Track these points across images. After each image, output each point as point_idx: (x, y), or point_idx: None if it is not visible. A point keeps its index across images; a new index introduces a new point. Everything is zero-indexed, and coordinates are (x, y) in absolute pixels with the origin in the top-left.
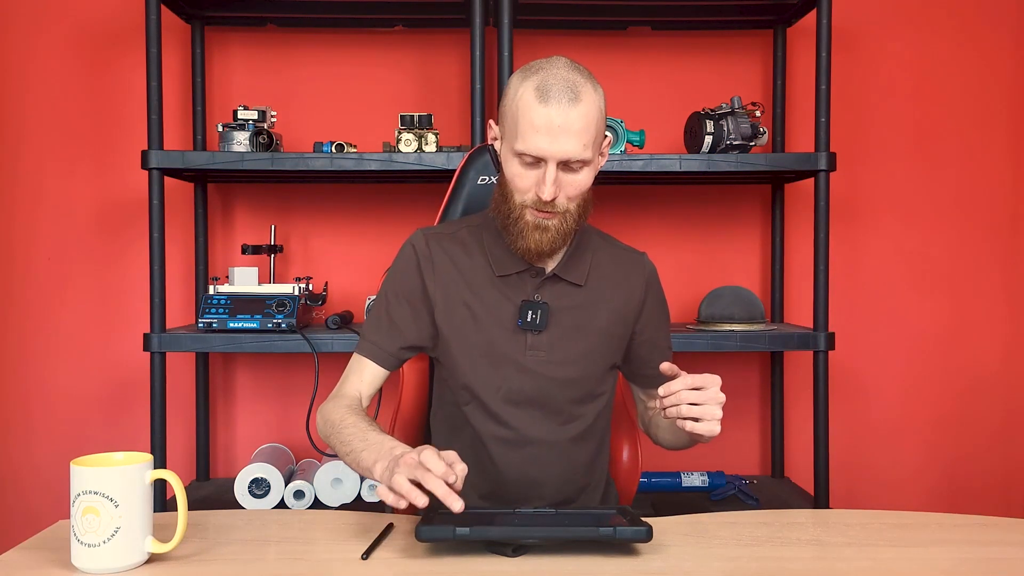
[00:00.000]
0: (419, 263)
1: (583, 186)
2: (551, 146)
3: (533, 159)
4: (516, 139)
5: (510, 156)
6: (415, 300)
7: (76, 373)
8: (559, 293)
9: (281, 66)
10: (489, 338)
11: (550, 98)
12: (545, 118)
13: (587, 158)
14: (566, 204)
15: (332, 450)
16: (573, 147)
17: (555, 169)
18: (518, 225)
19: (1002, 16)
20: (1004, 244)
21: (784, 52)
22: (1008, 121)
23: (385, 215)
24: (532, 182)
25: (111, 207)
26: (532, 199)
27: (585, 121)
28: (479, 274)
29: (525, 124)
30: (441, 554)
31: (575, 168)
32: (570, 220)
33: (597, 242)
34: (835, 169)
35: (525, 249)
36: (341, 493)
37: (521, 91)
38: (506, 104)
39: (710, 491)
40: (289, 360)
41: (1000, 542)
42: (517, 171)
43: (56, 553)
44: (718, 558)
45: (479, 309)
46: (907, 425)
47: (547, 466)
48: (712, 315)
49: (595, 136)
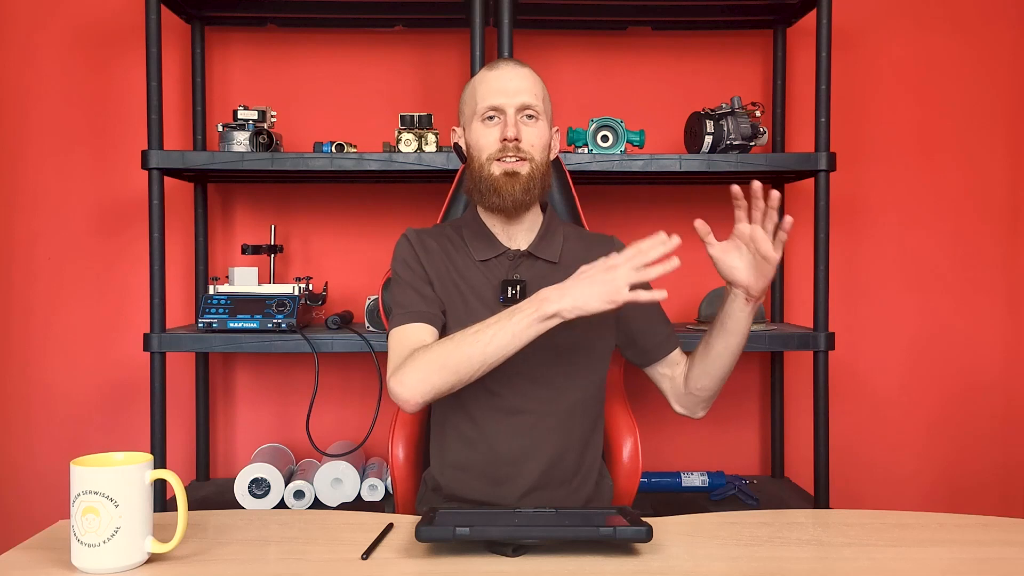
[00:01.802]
0: (414, 248)
1: (542, 138)
2: (506, 95)
3: (493, 111)
4: (476, 106)
5: (473, 126)
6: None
7: (76, 373)
8: (536, 271)
9: (281, 66)
10: (478, 316)
11: (498, 64)
12: (497, 77)
13: (539, 108)
14: (530, 150)
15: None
16: (525, 95)
17: (514, 115)
18: (488, 181)
19: (1002, 16)
20: (1004, 244)
21: (784, 52)
22: (1008, 121)
23: (385, 215)
24: (495, 136)
25: (111, 207)
26: (497, 149)
27: (532, 79)
28: (463, 261)
29: (482, 90)
30: (441, 554)
31: (531, 117)
32: (536, 170)
33: (568, 229)
34: (835, 169)
35: (500, 201)
36: (341, 493)
37: (474, 78)
38: (464, 96)
39: (710, 491)
40: (289, 360)
41: (1000, 542)
42: (480, 132)
43: (56, 553)
44: (718, 558)
45: (466, 290)
46: (907, 425)
47: (538, 437)
48: (712, 315)
49: (543, 98)
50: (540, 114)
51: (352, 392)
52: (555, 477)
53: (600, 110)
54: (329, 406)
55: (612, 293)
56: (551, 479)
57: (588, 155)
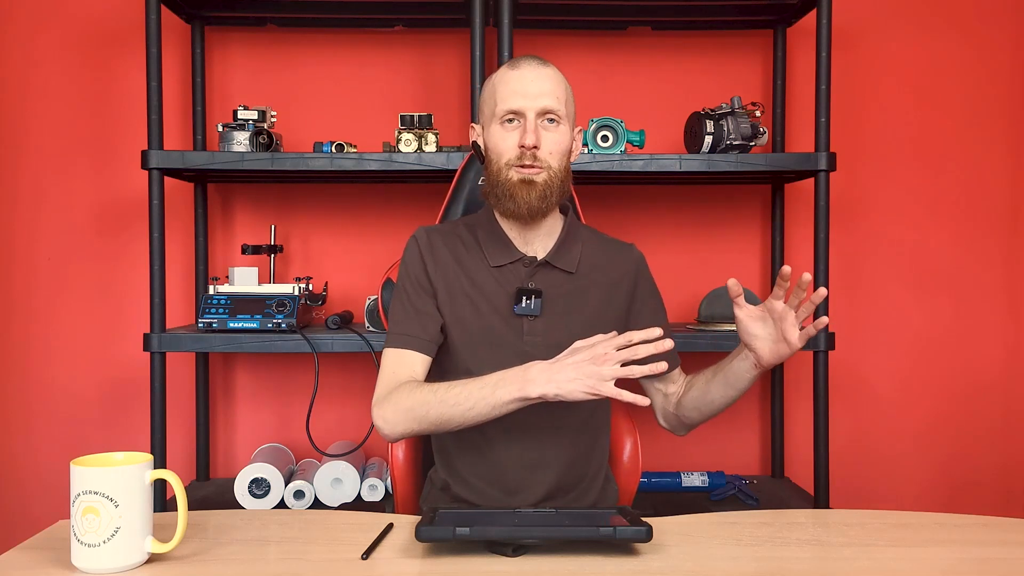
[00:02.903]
0: (421, 254)
1: (562, 144)
2: (526, 98)
3: (512, 115)
4: (496, 107)
5: (492, 128)
6: (427, 287)
7: (76, 373)
8: (552, 280)
9: (281, 66)
10: (488, 324)
11: (520, 64)
12: (518, 78)
13: (561, 112)
14: (548, 159)
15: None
16: (547, 98)
17: (534, 120)
18: (505, 187)
19: (1001, 16)
20: (1004, 243)
21: (784, 52)
22: (1008, 121)
23: (385, 215)
24: (513, 141)
25: (111, 207)
26: (515, 156)
27: (555, 79)
28: (476, 265)
29: (502, 91)
30: (441, 554)
31: (552, 122)
32: (554, 178)
33: (586, 234)
34: (835, 169)
35: (515, 208)
36: (341, 493)
37: (495, 76)
38: (484, 94)
39: (710, 491)
40: (289, 360)
41: (1000, 542)
42: (499, 135)
43: (56, 553)
44: (718, 558)
45: (477, 297)
46: (907, 425)
47: (546, 451)
48: (712, 315)
49: (566, 100)
50: (562, 118)
51: (352, 392)
52: (567, 484)
53: (600, 110)
54: (329, 406)
55: (596, 387)
56: (562, 487)
57: (588, 155)
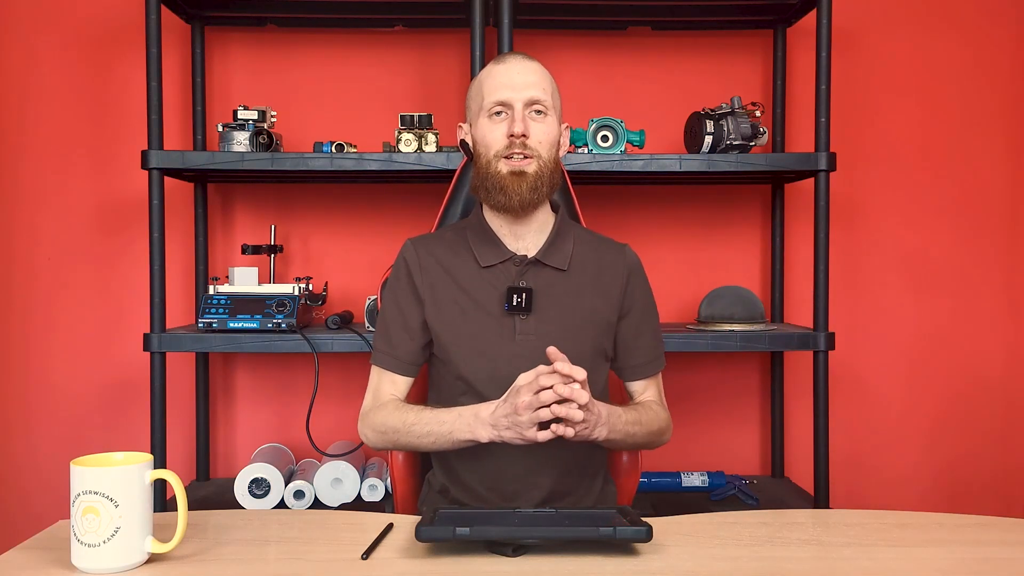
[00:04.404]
0: (408, 268)
1: (550, 134)
2: (514, 90)
3: (500, 107)
4: (483, 101)
5: (480, 122)
6: (413, 301)
7: (76, 373)
8: (543, 278)
9: (281, 66)
10: (480, 327)
11: (506, 59)
12: (505, 71)
13: (548, 103)
14: (538, 147)
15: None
16: (533, 89)
17: (522, 110)
18: (495, 179)
19: (1001, 16)
20: (1004, 244)
21: (784, 52)
22: (1008, 121)
23: (385, 215)
24: (502, 132)
25: (111, 207)
26: (504, 146)
27: (541, 73)
28: (465, 268)
29: (489, 85)
30: (441, 554)
31: (539, 113)
32: (544, 168)
33: (579, 233)
34: (835, 169)
35: (506, 200)
36: (341, 493)
37: (481, 73)
38: (471, 92)
39: (710, 491)
40: (289, 360)
41: (1000, 542)
42: (487, 128)
43: (56, 553)
44: (718, 558)
45: (467, 302)
46: (907, 425)
47: (544, 456)
48: (712, 315)
49: (552, 93)
50: (549, 109)
51: (352, 392)
52: (565, 488)
53: (600, 110)
54: (329, 406)
55: (523, 438)
56: (560, 491)
57: (588, 155)
